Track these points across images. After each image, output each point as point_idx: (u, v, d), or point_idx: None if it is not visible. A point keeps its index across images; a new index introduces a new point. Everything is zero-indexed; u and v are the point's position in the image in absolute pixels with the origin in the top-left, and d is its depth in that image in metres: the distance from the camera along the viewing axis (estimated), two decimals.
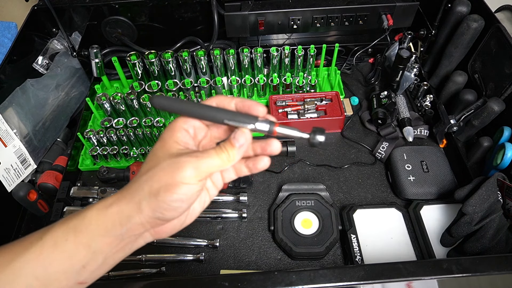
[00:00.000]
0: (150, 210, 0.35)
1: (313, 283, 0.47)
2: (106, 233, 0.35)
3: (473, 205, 0.62)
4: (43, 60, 0.93)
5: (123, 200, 0.36)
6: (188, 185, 0.34)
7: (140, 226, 0.36)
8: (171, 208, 0.35)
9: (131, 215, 0.35)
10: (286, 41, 1.03)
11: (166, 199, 0.34)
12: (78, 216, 0.36)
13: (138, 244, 0.38)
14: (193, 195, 0.35)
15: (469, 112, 0.79)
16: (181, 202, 0.35)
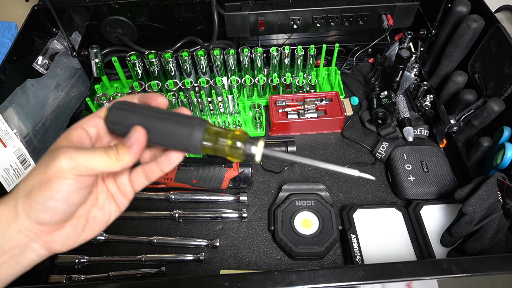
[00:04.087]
0: (25, 213, 0.30)
1: (313, 283, 0.47)
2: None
3: (473, 205, 0.62)
4: (43, 60, 0.93)
5: (1, 205, 0.31)
6: (62, 180, 0.29)
7: (21, 235, 0.31)
8: (46, 208, 0.30)
9: (8, 221, 0.30)
10: (286, 41, 1.03)
11: (39, 197, 0.30)
12: None
13: (28, 258, 0.33)
14: (70, 193, 0.30)
15: (469, 112, 0.79)
16: (56, 201, 0.30)
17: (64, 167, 0.30)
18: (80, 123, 0.34)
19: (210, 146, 0.35)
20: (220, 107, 0.89)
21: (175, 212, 0.75)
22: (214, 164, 0.77)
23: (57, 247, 0.33)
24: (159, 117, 0.34)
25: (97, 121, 0.35)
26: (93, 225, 0.35)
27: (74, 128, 0.34)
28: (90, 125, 0.35)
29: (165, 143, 0.34)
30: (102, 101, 0.85)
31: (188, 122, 0.34)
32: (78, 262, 0.69)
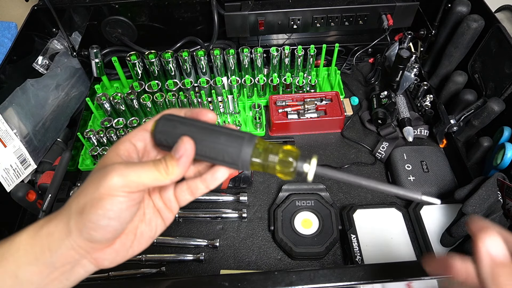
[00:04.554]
0: (78, 231, 0.30)
1: (313, 283, 0.47)
2: (35, 260, 0.31)
3: (473, 205, 0.62)
4: (43, 60, 0.93)
5: (53, 221, 0.31)
6: (114, 198, 0.29)
7: (73, 252, 0.31)
8: (99, 227, 0.30)
9: (61, 238, 0.30)
10: (286, 41, 1.03)
11: (92, 216, 0.29)
12: (7, 241, 0.32)
13: (77, 274, 0.33)
14: (123, 211, 0.30)
15: (469, 112, 0.79)
16: (108, 219, 0.30)
17: (115, 185, 0.29)
18: (127, 136, 0.34)
19: (260, 163, 0.33)
20: (220, 107, 0.89)
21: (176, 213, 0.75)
22: None
23: (105, 263, 0.33)
24: (209, 130, 0.33)
25: (144, 134, 0.35)
26: (140, 241, 0.35)
27: (122, 142, 0.34)
28: (138, 139, 0.34)
29: (212, 157, 0.33)
30: (102, 101, 0.85)
31: (239, 136, 0.33)
32: None
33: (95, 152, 0.82)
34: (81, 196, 0.30)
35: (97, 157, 0.84)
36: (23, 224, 0.80)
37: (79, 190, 0.31)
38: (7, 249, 0.31)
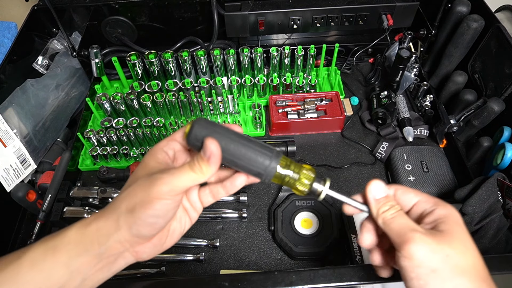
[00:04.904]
0: (127, 227, 0.34)
1: (313, 283, 0.47)
2: (84, 252, 0.35)
3: (473, 205, 0.62)
4: (43, 60, 0.93)
5: (102, 218, 0.35)
6: (163, 201, 0.34)
7: (119, 245, 0.35)
8: (147, 224, 0.35)
9: (109, 233, 0.35)
10: (286, 41, 1.03)
11: (142, 215, 0.34)
12: (58, 235, 0.36)
13: (118, 265, 0.37)
14: (168, 211, 0.35)
15: (469, 112, 0.79)
16: (156, 218, 0.35)
17: (163, 190, 0.34)
18: (160, 145, 0.39)
19: (281, 177, 0.38)
20: (220, 107, 0.89)
21: None
22: None
23: (144, 256, 0.38)
24: (241, 138, 0.36)
25: (174, 144, 0.39)
26: (173, 236, 0.40)
27: (158, 150, 0.38)
28: (170, 147, 0.39)
29: (240, 165, 0.37)
30: (102, 101, 0.85)
31: (269, 148, 0.37)
32: None
33: (95, 152, 0.82)
34: (130, 198, 0.35)
35: (97, 157, 0.84)
36: (23, 224, 0.80)
37: (126, 193, 0.35)
38: (59, 241, 0.35)
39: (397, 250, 0.35)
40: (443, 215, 0.37)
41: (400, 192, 0.40)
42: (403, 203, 0.40)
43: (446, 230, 0.35)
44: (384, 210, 0.38)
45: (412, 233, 0.34)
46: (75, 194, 0.76)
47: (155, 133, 0.82)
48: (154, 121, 0.84)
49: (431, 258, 0.33)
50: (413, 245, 0.33)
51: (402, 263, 0.34)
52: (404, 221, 0.36)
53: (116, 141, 0.84)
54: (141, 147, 0.84)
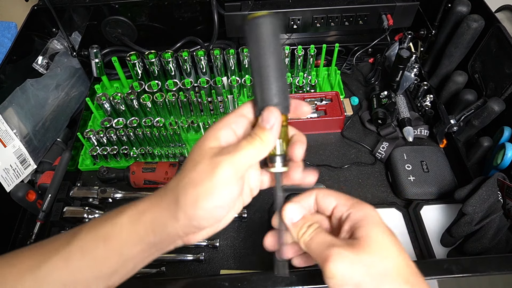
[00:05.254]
0: (187, 219, 0.32)
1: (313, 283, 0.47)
2: (139, 241, 0.33)
3: (473, 205, 0.62)
4: (43, 60, 0.93)
5: (157, 207, 0.33)
6: (228, 187, 0.32)
7: (175, 235, 0.34)
8: (210, 216, 0.33)
9: (166, 223, 0.33)
10: (286, 41, 1.03)
11: (205, 206, 0.31)
12: (108, 222, 0.34)
13: (168, 249, 0.36)
14: (233, 199, 0.33)
15: (469, 112, 0.79)
16: (221, 209, 0.33)
17: (228, 174, 0.31)
18: (228, 121, 0.35)
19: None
20: (220, 107, 0.89)
21: None
22: None
23: (194, 241, 0.36)
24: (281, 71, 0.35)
25: (245, 122, 0.36)
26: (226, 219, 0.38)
27: (223, 127, 0.35)
28: (240, 126, 0.36)
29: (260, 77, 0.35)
30: (102, 101, 0.85)
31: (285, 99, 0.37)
32: None
33: (95, 152, 0.82)
34: (192, 188, 0.32)
35: (97, 157, 0.84)
36: (22, 224, 0.79)
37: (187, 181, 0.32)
38: (110, 229, 0.34)
39: (322, 271, 0.32)
40: (358, 219, 0.35)
41: (320, 196, 0.38)
42: (324, 207, 0.38)
43: (363, 237, 0.33)
44: (302, 233, 0.36)
45: (329, 250, 0.32)
46: (75, 194, 0.76)
47: (155, 133, 0.82)
48: (154, 121, 0.84)
49: (352, 273, 0.31)
50: (332, 263, 0.31)
51: (328, 284, 0.32)
52: (322, 239, 0.34)
53: (116, 141, 0.84)
54: (141, 147, 0.84)
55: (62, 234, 0.35)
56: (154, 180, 0.77)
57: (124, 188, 0.79)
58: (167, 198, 0.33)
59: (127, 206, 0.35)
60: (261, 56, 0.34)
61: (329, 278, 0.32)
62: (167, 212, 0.33)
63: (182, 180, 0.33)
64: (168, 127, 0.84)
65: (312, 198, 0.39)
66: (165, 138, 0.84)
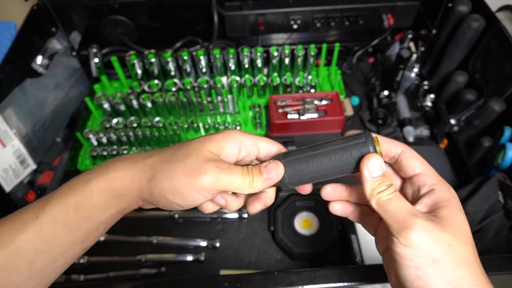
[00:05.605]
0: (148, 196, 0.35)
1: (313, 283, 0.47)
2: (109, 207, 0.35)
3: (473, 205, 0.61)
4: (43, 60, 0.92)
5: (130, 176, 0.35)
6: (200, 195, 0.34)
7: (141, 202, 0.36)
8: (170, 206, 0.35)
9: (133, 194, 0.35)
10: (286, 41, 1.03)
11: (170, 199, 0.34)
12: (78, 190, 0.35)
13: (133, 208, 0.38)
14: (197, 203, 0.35)
15: (470, 112, 0.79)
16: (181, 207, 0.35)
17: (207, 186, 0.33)
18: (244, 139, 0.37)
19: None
20: (220, 107, 0.88)
21: (175, 212, 0.75)
22: None
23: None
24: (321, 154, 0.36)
25: (255, 151, 0.38)
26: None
27: (232, 140, 0.36)
28: (249, 149, 0.37)
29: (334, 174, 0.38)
30: (102, 101, 0.84)
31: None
32: (78, 262, 0.69)
33: (95, 152, 0.82)
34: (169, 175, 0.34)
35: (97, 158, 0.83)
36: None
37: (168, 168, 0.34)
38: (81, 198, 0.35)
39: (394, 235, 0.32)
40: (444, 198, 0.34)
41: (406, 156, 0.37)
42: (405, 168, 0.37)
43: (447, 217, 0.32)
44: (379, 191, 0.34)
45: (413, 218, 0.31)
46: None
47: (154, 133, 0.82)
48: (154, 121, 0.84)
49: (433, 247, 0.31)
50: (414, 232, 0.31)
51: (399, 250, 0.31)
52: (402, 204, 0.33)
53: (116, 141, 0.83)
54: (141, 147, 0.84)
55: (30, 207, 0.35)
56: None
57: None
58: (144, 173, 0.35)
59: (95, 172, 0.35)
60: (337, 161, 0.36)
61: (404, 245, 0.31)
62: (137, 183, 0.35)
63: (165, 164, 0.34)
64: (167, 127, 0.84)
65: (399, 150, 0.37)
66: (164, 138, 0.84)
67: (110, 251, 0.72)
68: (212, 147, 0.35)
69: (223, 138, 0.36)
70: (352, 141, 0.35)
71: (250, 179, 0.35)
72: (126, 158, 0.36)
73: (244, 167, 0.35)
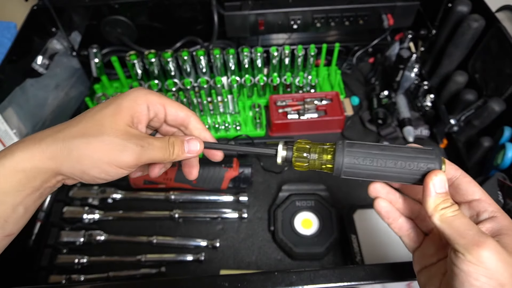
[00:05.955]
0: (70, 174, 0.34)
1: (313, 283, 0.47)
2: (22, 188, 0.34)
3: None
4: (43, 60, 0.92)
5: (39, 156, 0.34)
6: (122, 170, 0.34)
7: (60, 178, 0.35)
8: (94, 181, 0.35)
9: (49, 170, 0.34)
10: (286, 41, 1.03)
11: (93, 174, 0.34)
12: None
13: (56, 187, 0.37)
14: (121, 176, 0.36)
15: (470, 112, 0.79)
16: (105, 181, 0.35)
17: (129, 163, 0.34)
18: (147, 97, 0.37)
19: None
20: (220, 107, 0.89)
21: (175, 212, 0.75)
22: (214, 164, 0.77)
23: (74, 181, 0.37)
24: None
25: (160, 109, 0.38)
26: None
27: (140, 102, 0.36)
28: (155, 109, 0.37)
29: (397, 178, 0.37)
30: (102, 101, 0.84)
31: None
32: (78, 262, 0.69)
33: None
34: (87, 153, 0.33)
35: None
36: None
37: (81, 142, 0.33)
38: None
39: (459, 251, 0.31)
40: (507, 227, 0.33)
41: (466, 180, 0.37)
42: (463, 192, 0.36)
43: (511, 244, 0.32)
44: (444, 207, 0.34)
45: (484, 237, 0.31)
46: (74, 194, 0.76)
47: None
48: None
49: (503, 270, 0.30)
50: (487, 251, 0.30)
51: (465, 267, 0.30)
52: (470, 222, 0.32)
53: None
54: None
55: None
56: (154, 180, 0.77)
57: (123, 188, 0.79)
58: (57, 150, 0.34)
59: (9, 152, 0.34)
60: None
61: (473, 263, 0.30)
62: (50, 162, 0.33)
63: (79, 140, 0.33)
64: None
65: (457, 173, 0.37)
66: None
67: (110, 251, 0.72)
68: (126, 118, 0.35)
69: (131, 104, 0.36)
70: (422, 154, 0.35)
71: (170, 153, 0.36)
72: (34, 137, 0.35)
73: (165, 140, 0.36)
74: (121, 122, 0.35)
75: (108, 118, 0.34)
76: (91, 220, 0.74)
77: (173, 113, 0.39)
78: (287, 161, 0.38)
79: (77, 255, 0.70)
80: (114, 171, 0.34)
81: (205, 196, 0.78)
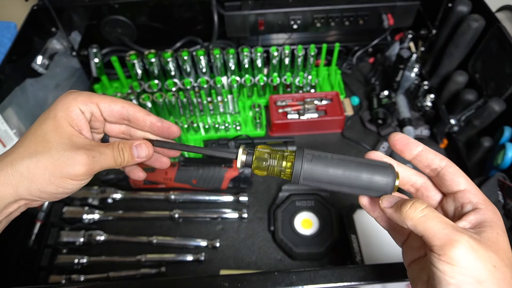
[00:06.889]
0: (29, 195, 0.34)
1: (313, 283, 0.47)
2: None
3: None
4: (43, 60, 0.92)
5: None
6: (77, 181, 0.34)
7: (15, 205, 0.35)
8: (53, 198, 0.35)
9: (5, 197, 0.33)
10: (286, 41, 1.03)
11: (51, 191, 0.34)
12: None
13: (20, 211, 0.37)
14: (79, 187, 0.36)
15: (470, 112, 0.79)
16: (65, 194, 0.35)
17: (82, 174, 0.34)
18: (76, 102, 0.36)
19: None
20: (220, 107, 0.88)
21: (175, 212, 0.75)
22: (214, 164, 0.77)
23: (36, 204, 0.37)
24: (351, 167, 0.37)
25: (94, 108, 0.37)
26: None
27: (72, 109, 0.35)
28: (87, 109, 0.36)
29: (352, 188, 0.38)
30: None
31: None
32: (78, 262, 0.69)
33: None
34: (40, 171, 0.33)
35: None
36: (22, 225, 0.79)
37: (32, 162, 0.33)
38: None
39: (434, 251, 0.30)
40: (490, 219, 0.33)
41: (451, 171, 0.35)
42: (448, 183, 0.35)
43: (492, 238, 0.31)
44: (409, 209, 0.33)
45: (457, 234, 0.30)
46: (74, 194, 0.76)
47: None
48: None
49: (479, 267, 0.29)
50: (459, 249, 0.29)
51: (441, 267, 0.30)
52: (442, 220, 0.31)
53: None
54: None
55: None
56: (154, 180, 0.77)
57: (123, 188, 0.79)
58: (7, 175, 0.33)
59: None
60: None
61: (446, 262, 0.29)
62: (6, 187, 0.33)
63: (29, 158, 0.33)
64: None
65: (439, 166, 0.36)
66: None
67: (110, 251, 0.72)
68: (67, 129, 0.35)
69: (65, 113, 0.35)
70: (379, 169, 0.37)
71: (121, 160, 0.37)
72: None
73: (115, 146, 0.37)
74: (64, 134, 0.34)
75: (51, 133, 0.34)
76: (91, 220, 0.74)
77: (107, 108, 0.38)
78: (246, 166, 0.37)
79: (77, 255, 0.70)
80: (70, 184, 0.34)
81: (205, 196, 0.78)
